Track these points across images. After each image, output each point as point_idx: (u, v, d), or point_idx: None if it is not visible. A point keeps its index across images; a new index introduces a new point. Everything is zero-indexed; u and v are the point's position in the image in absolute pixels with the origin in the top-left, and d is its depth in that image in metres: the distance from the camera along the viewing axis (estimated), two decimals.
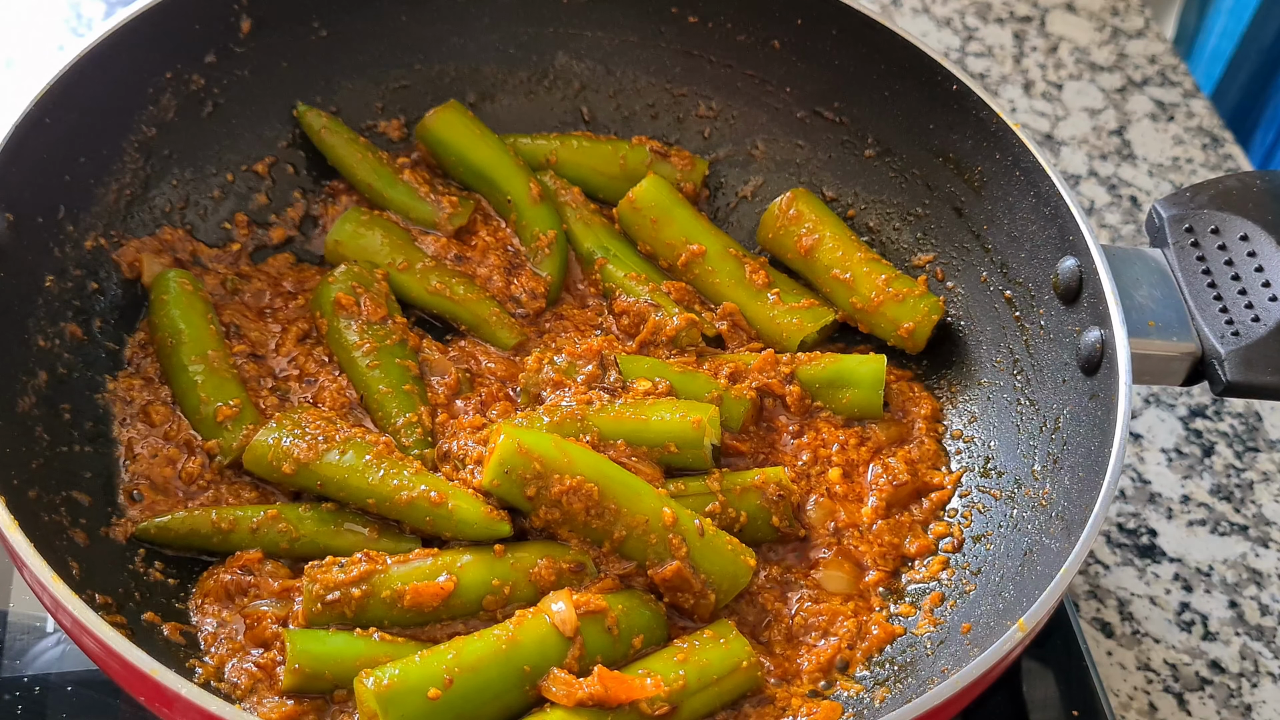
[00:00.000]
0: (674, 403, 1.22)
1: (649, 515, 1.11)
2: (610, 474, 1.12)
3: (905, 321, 1.33)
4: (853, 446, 1.27)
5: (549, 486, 1.10)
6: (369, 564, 1.08)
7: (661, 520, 1.11)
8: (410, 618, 1.08)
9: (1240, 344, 1.16)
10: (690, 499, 1.17)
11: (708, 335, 1.34)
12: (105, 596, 1.06)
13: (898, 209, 1.43)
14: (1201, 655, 1.38)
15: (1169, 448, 1.55)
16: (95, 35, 1.21)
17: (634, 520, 1.11)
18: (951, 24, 2.02)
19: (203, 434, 1.20)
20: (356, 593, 1.07)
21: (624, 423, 1.19)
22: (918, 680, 1.11)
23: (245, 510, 1.14)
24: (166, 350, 1.23)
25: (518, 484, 1.11)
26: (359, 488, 1.13)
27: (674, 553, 1.11)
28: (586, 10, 1.47)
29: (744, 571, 1.14)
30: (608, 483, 1.11)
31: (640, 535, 1.11)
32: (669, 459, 1.19)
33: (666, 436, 1.19)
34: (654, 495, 1.13)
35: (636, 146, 1.46)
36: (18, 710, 1.14)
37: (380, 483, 1.13)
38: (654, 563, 1.11)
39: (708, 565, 1.12)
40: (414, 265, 1.33)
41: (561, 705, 1.02)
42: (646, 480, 1.15)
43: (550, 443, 1.12)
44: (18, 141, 1.13)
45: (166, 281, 1.27)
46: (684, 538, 1.11)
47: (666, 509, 1.12)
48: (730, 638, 1.10)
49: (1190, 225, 1.25)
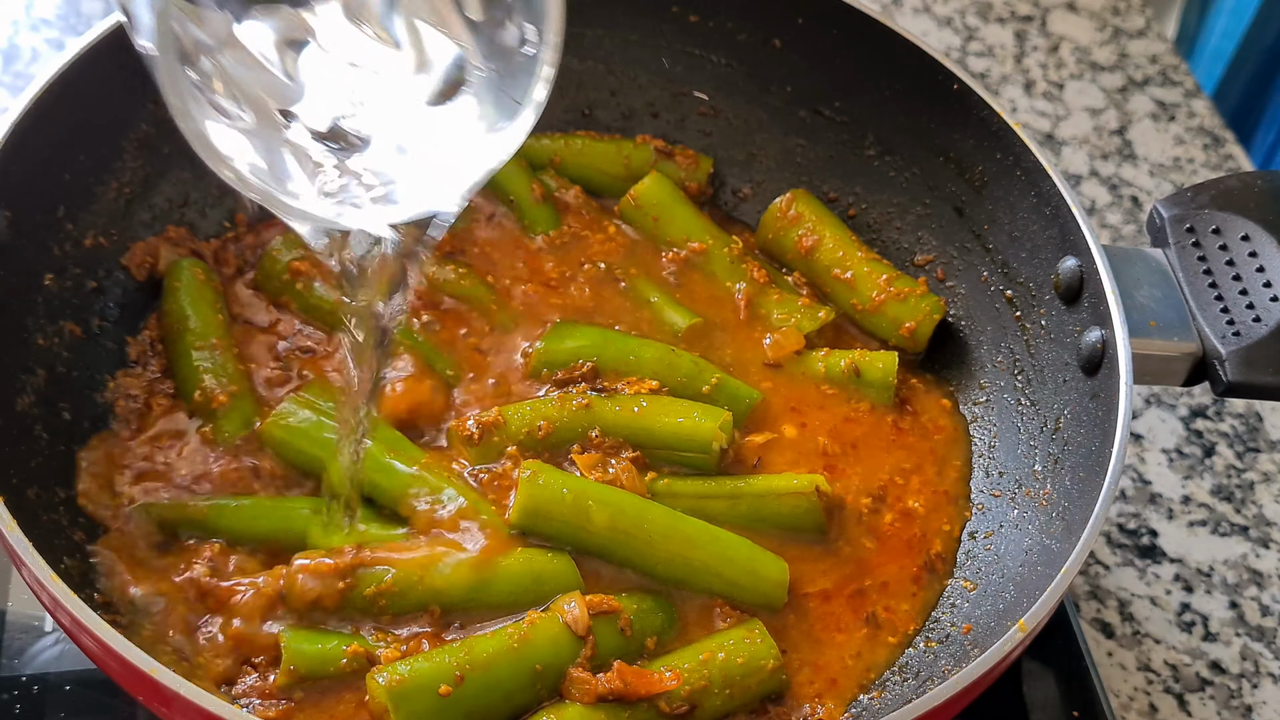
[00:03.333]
0: (686, 405, 1.22)
1: (683, 549, 1.13)
2: (636, 517, 1.14)
3: (906, 321, 1.33)
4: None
5: (576, 532, 1.13)
6: (355, 558, 1.09)
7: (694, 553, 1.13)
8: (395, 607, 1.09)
9: (1241, 344, 1.16)
10: (716, 500, 1.18)
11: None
12: (104, 595, 1.06)
13: (898, 209, 1.43)
14: (1202, 656, 1.38)
15: (1170, 448, 1.55)
16: (94, 33, 1.20)
17: (667, 554, 1.13)
18: (952, 23, 2.02)
19: (201, 419, 1.20)
20: (341, 585, 1.07)
21: (630, 421, 1.20)
22: (917, 680, 1.11)
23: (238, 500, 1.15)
24: (173, 335, 1.24)
25: (544, 525, 1.13)
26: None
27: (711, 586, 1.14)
28: (586, 9, 1.47)
29: (777, 569, 1.15)
30: (635, 529, 1.13)
31: (675, 562, 1.13)
32: (673, 460, 1.20)
33: (676, 441, 1.20)
34: (685, 534, 1.14)
35: (640, 145, 1.46)
36: (16, 709, 1.13)
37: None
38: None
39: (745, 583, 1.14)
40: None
41: (580, 703, 1.03)
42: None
43: (570, 499, 1.12)
44: (18, 140, 1.13)
45: (180, 269, 1.28)
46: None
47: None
48: (757, 637, 1.09)
49: (1191, 225, 1.24)
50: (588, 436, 1.20)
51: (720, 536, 1.15)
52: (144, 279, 1.28)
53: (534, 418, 1.20)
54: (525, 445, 1.19)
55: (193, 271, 1.28)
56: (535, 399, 1.23)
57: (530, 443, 1.19)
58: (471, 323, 1.30)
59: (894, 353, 1.30)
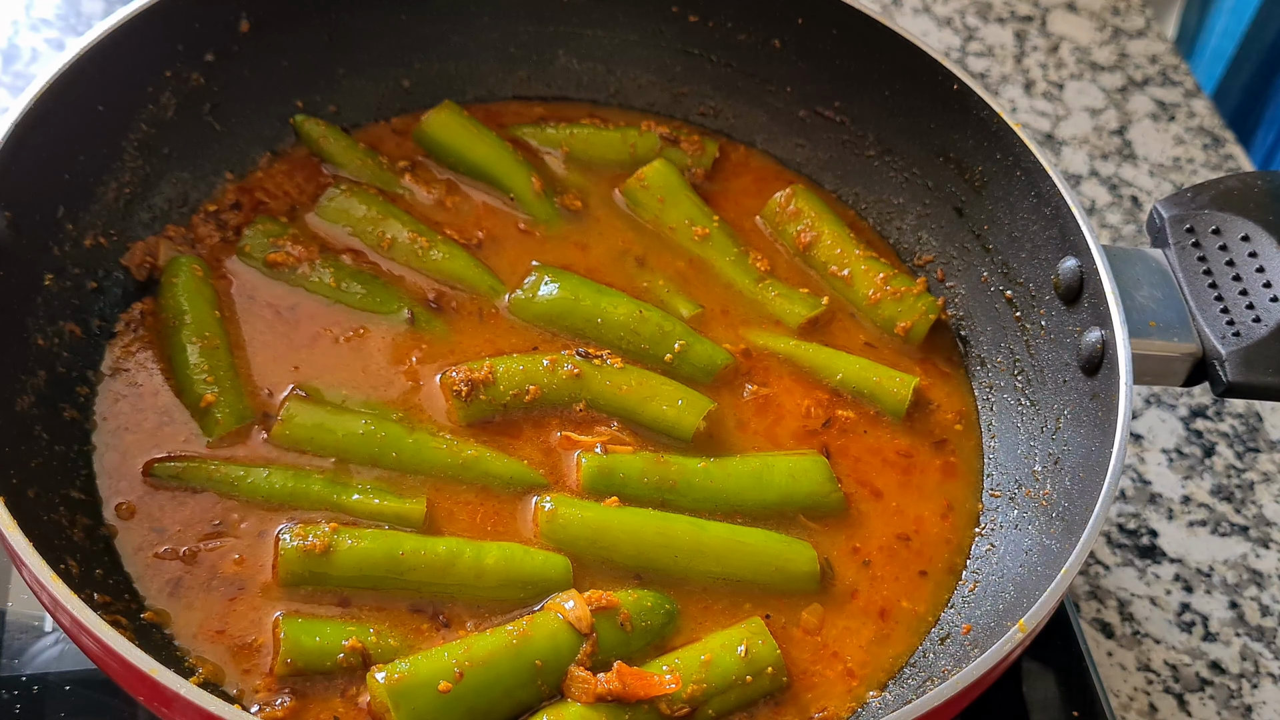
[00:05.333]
0: (673, 390, 1.24)
1: (711, 566, 1.16)
2: (661, 540, 1.16)
3: (902, 320, 1.33)
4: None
5: (604, 554, 1.15)
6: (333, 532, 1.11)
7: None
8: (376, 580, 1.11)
9: (1241, 344, 1.16)
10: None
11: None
12: (104, 596, 1.06)
13: (898, 209, 1.43)
14: (1202, 656, 1.38)
15: (1170, 448, 1.55)
16: (94, 34, 1.20)
17: (695, 571, 1.16)
18: (952, 23, 2.02)
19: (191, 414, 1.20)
20: (319, 542, 1.10)
21: (619, 397, 1.23)
22: (917, 680, 1.11)
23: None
24: (168, 331, 1.24)
25: (567, 546, 1.15)
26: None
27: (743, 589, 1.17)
28: (586, 9, 1.47)
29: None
30: (661, 552, 1.15)
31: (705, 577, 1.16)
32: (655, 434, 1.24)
33: (659, 426, 1.23)
34: (713, 550, 1.16)
35: (646, 133, 1.47)
36: (16, 709, 1.13)
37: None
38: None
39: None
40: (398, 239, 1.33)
41: (579, 702, 1.03)
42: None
43: (591, 531, 1.15)
44: (17, 140, 1.13)
45: (178, 266, 1.28)
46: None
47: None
48: (758, 638, 1.10)
49: (1191, 225, 1.24)
50: (572, 408, 1.23)
51: (745, 542, 1.16)
52: (144, 279, 1.28)
53: (524, 380, 1.22)
54: (511, 407, 1.22)
55: (191, 268, 1.28)
56: (528, 356, 1.25)
57: (516, 405, 1.22)
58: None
59: (914, 378, 1.30)
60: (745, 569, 1.16)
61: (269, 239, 1.31)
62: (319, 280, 1.29)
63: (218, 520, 1.14)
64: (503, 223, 1.39)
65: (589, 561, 1.15)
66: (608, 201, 1.43)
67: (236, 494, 1.15)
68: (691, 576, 1.15)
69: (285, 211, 1.36)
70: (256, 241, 1.31)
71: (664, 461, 1.20)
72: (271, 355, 1.25)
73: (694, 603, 1.14)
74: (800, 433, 1.27)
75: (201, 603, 1.10)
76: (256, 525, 1.14)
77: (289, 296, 1.29)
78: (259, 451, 1.19)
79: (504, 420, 1.23)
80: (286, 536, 1.10)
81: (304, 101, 1.41)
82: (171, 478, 1.15)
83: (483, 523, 1.17)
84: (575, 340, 1.29)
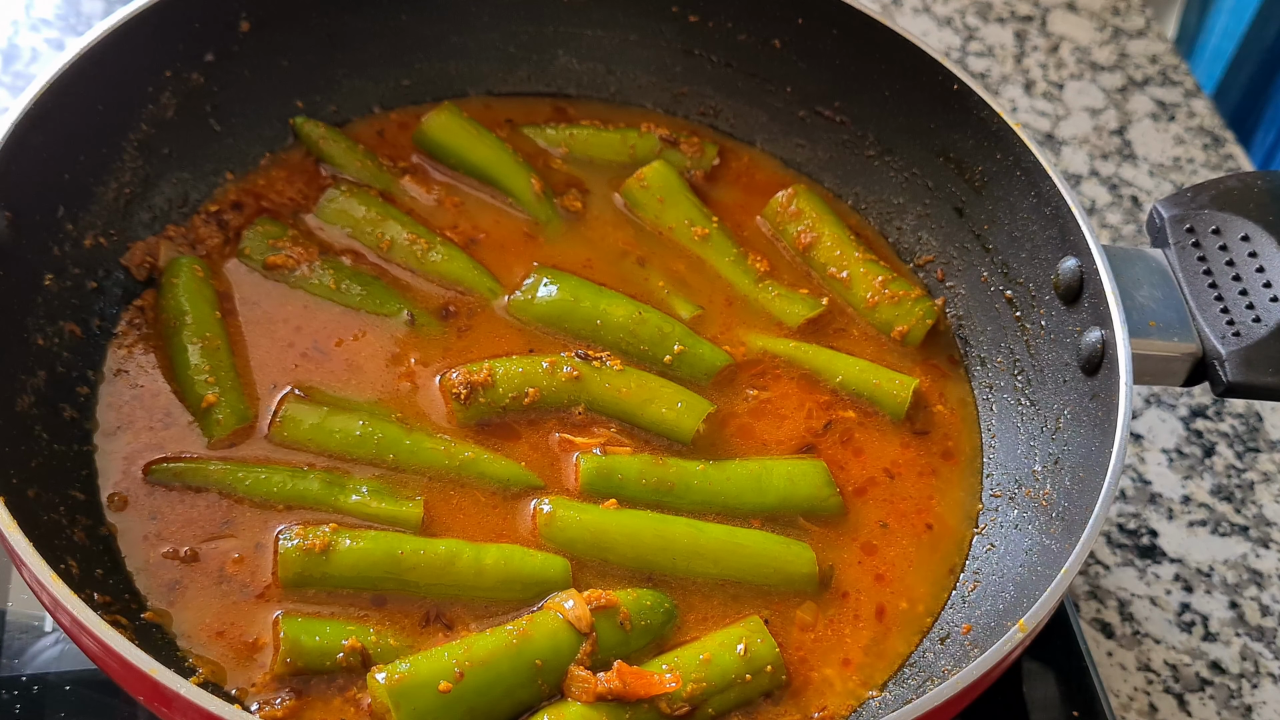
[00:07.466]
0: (673, 393, 1.24)
1: (708, 569, 1.16)
2: (658, 542, 1.16)
3: (899, 324, 1.33)
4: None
5: (601, 556, 1.16)
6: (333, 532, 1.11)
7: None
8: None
9: (1241, 344, 1.16)
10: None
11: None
12: (105, 596, 1.06)
13: (898, 209, 1.43)
14: (1202, 656, 1.38)
15: (1170, 448, 1.55)
16: (94, 34, 1.20)
17: (694, 572, 1.16)
18: (952, 23, 2.02)
19: (192, 414, 1.20)
20: (319, 542, 1.10)
21: (618, 400, 1.23)
22: (917, 680, 1.11)
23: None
24: (169, 331, 1.24)
25: (565, 548, 1.15)
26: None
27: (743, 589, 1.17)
28: (586, 9, 1.47)
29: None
30: (659, 555, 1.16)
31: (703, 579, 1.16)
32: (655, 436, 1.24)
33: (658, 429, 1.23)
34: (711, 553, 1.16)
35: (646, 134, 1.47)
36: (16, 709, 1.13)
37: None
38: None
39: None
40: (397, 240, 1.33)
41: (580, 701, 1.03)
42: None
43: (591, 538, 1.15)
44: (17, 140, 1.13)
45: (179, 266, 1.28)
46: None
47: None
48: (757, 638, 1.10)
49: (1191, 225, 1.24)
50: (571, 410, 1.23)
51: (743, 544, 1.17)
52: (144, 279, 1.28)
53: (523, 383, 1.22)
54: (510, 409, 1.22)
55: (191, 269, 1.28)
56: (527, 358, 1.25)
57: (515, 407, 1.22)
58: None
59: (914, 380, 1.30)
60: (743, 571, 1.16)
61: (269, 240, 1.31)
62: (319, 281, 1.29)
63: (218, 520, 1.14)
64: (502, 224, 1.39)
65: (587, 563, 1.15)
66: (607, 202, 1.43)
67: (237, 494, 1.15)
68: (690, 578, 1.15)
69: (285, 212, 1.36)
70: (256, 243, 1.31)
71: (662, 463, 1.20)
72: (271, 356, 1.25)
73: (693, 602, 1.15)
74: (800, 435, 1.27)
75: (201, 603, 1.10)
76: (257, 525, 1.14)
77: (289, 297, 1.29)
78: (259, 452, 1.19)
79: (502, 422, 1.23)
80: (286, 536, 1.11)
81: (304, 102, 1.41)
82: (172, 478, 1.16)
83: (480, 525, 1.17)
84: (574, 342, 1.29)
